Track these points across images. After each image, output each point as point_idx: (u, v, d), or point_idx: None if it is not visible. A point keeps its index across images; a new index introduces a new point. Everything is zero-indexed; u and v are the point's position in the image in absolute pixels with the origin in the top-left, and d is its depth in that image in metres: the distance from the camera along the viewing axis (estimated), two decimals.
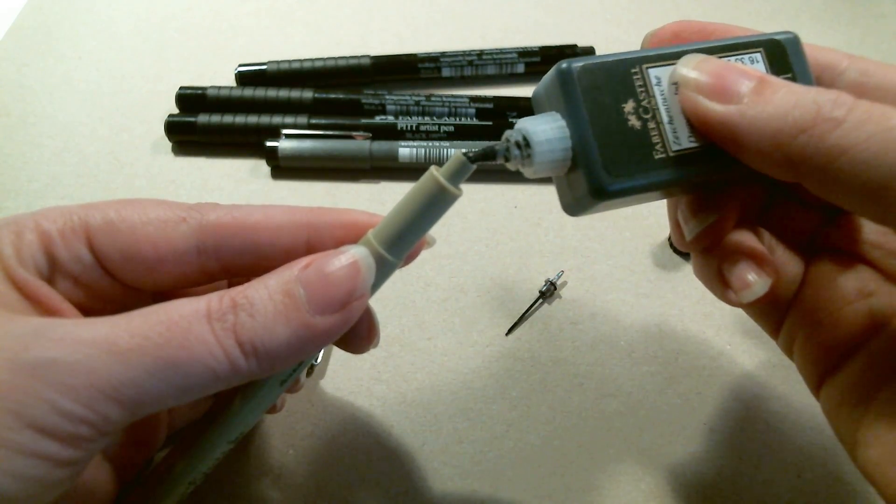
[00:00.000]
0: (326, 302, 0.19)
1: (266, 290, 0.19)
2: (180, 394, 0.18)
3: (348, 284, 0.19)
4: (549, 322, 0.33)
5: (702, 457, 0.29)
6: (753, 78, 0.18)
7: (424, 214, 0.19)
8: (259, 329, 0.18)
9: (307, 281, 0.19)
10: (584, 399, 0.31)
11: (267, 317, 0.18)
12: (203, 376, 0.18)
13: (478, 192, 0.38)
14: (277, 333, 0.18)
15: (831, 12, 0.48)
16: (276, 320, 0.18)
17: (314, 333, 0.19)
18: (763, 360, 0.32)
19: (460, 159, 0.19)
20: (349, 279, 0.19)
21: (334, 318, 0.19)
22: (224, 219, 0.21)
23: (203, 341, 0.18)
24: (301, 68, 0.42)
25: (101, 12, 0.48)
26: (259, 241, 0.21)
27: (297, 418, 0.30)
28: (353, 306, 0.19)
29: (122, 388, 0.17)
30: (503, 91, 0.42)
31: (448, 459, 0.29)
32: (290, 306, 0.18)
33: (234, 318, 0.18)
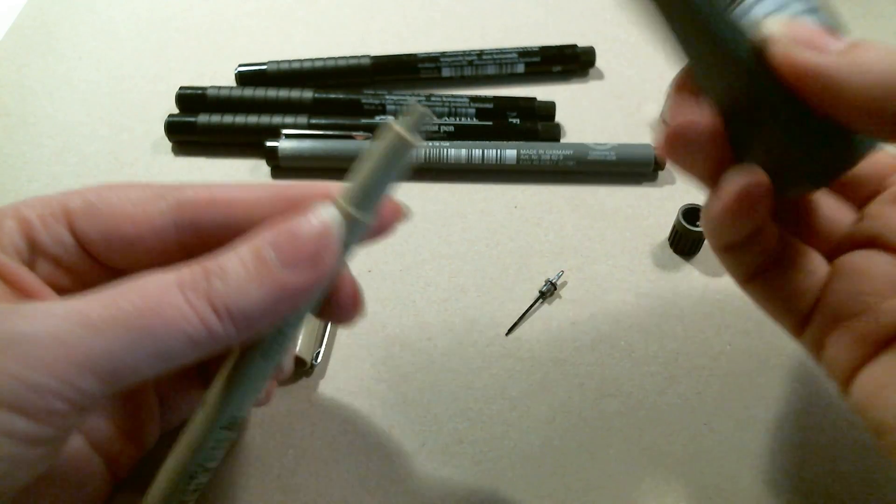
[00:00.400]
0: (296, 258, 0.19)
1: (237, 255, 0.19)
2: (157, 362, 0.18)
3: (316, 239, 0.19)
4: (549, 322, 0.33)
5: (702, 457, 0.29)
6: (842, 38, 0.18)
7: (385, 166, 0.20)
8: (232, 292, 0.18)
9: (276, 242, 0.19)
10: (584, 399, 0.31)
11: (239, 280, 0.18)
12: (178, 342, 0.18)
13: (478, 192, 0.38)
14: (250, 294, 0.18)
15: None
16: (249, 282, 0.18)
17: (287, 291, 0.19)
18: (763, 360, 0.32)
19: (420, 110, 0.19)
20: (317, 233, 0.19)
21: (306, 275, 0.19)
22: (200, 194, 0.22)
23: (176, 307, 0.18)
24: (301, 68, 0.42)
25: (101, 12, 0.48)
26: (235, 214, 0.22)
27: (296, 418, 0.30)
28: (323, 261, 0.19)
29: (95, 358, 0.17)
30: (503, 91, 0.42)
31: (448, 459, 0.29)
32: (261, 267, 0.19)
33: (206, 284, 0.18)
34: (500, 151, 0.38)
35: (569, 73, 0.44)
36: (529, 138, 0.40)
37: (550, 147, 0.38)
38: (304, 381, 0.31)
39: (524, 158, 0.38)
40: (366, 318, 0.33)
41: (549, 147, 0.38)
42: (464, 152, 0.38)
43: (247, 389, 0.22)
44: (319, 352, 0.31)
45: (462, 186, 0.38)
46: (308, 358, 0.30)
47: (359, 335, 0.32)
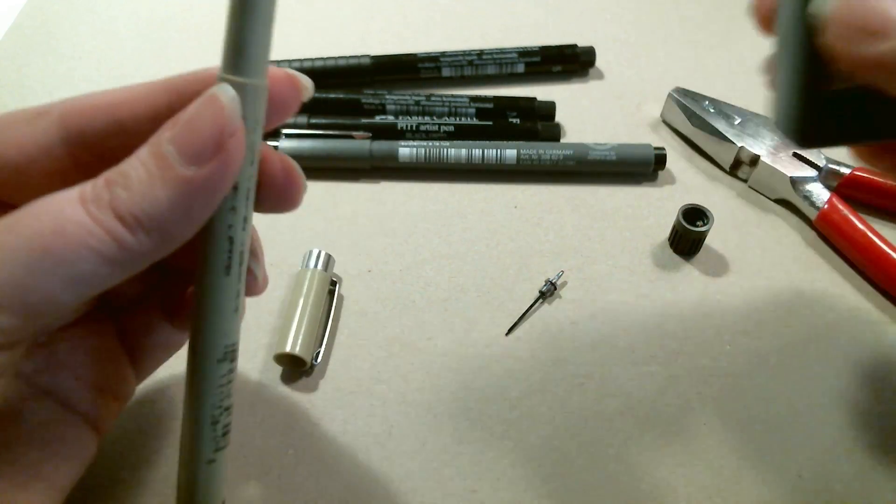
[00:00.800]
0: (198, 150, 0.17)
1: (137, 159, 0.18)
2: (73, 285, 0.17)
3: (213, 123, 0.18)
4: (549, 322, 0.33)
5: (702, 457, 0.29)
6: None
7: (248, 15, 0.19)
8: (137, 198, 0.17)
9: (173, 137, 0.18)
10: (584, 399, 0.31)
11: (142, 184, 0.17)
12: (89, 261, 0.17)
13: (478, 192, 0.38)
14: (157, 197, 0.17)
15: None
16: (153, 185, 0.17)
17: (196, 187, 0.17)
18: (763, 360, 0.32)
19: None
20: (212, 117, 0.18)
21: (213, 164, 0.18)
22: (81, 102, 0.20)
23: (79, 223, 0.16)
24: (301, 68, 0.42)
25: (101, 12, 0.48)
26: (120, 116, 0.20)
27: (296, 418, 0.30)
28: (228, 146, 0.18)
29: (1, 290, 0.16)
30: (503, 91, 0.42)
31: (448, 459, 0.29)
32: (163, 166, 0.17)
33: (108, 195, 0.17)
34: (500, 151, 0.38)
35: (569, 73, 0.44)
36: (529, 138, 0.40)
37: (550, 147, 0.38)
38: (304, 381, 0.31)
39: (524, 158, 0.38)
40: (366, 318, 0.33)
41: (550, 147, 0.38)
42: (464, 152, 0.38)
43: (221, 312, 0.20)
44: (319, 352, 0.31)
45: (462, 186, 0.38)
46: (308, 358, 0.30)
47: (359, 335, 0.32)
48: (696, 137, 0.40)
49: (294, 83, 0.21)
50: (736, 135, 0.38)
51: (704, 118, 0.39)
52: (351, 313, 0.33)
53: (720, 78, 0.44)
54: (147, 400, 0.30)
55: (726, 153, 0.39)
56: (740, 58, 0.45)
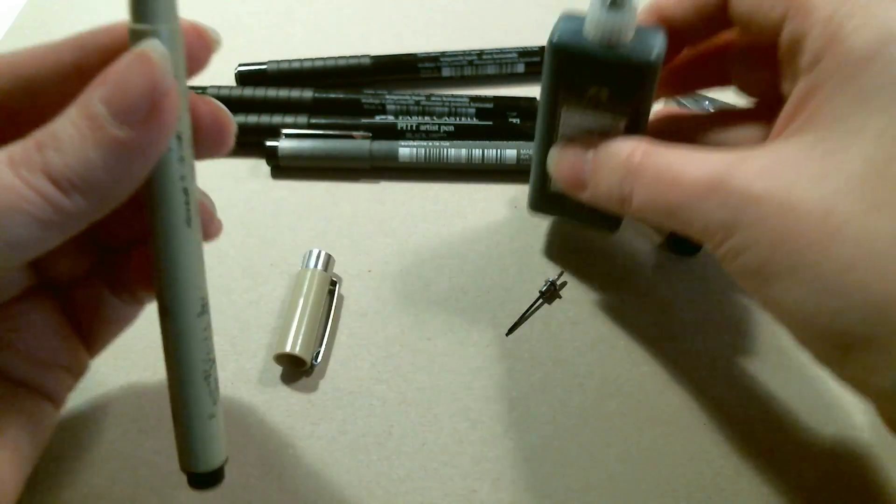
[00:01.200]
0: (131, 109, 0.17)
1: (68, 119, 0.17)
2: (10, 250, 0.16)
3: (145, 82, 0.17)
4: (549, 322, 0.33)
5: (702, 457, 0.29)
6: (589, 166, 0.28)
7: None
8: (70, 161, 0.17)
9: (104, 96, 0.17)
10: (584, 399, 0.31)
11: (75, 146, 0.17)
12: (25, 225, 0.16)
13: (478, 192, 0.38)
14: (91, 159, 0.17)
15: None
16: (85, 146, 0.17)
17: (132, 147, 0.17)
18: (763, 360, 0.32)
19: None
20: (144, 76, 0.17)
21: (148, 125, 0.17)
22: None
23: (10, 188, 0.16)
24: (301, 68, 0.42)
25: (101, 12, 0.48)
26: (24, 74, 0.20)
27: (296, 418, 0.30)
28: (162, 105, 0.17)
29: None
30: (503, 91, 0.42)
31: (448, 459, 0.29)
32: (95, 127, 0.17)
33: (40, 157, 0.17)
34: (500, 151, 0.38)
35: None
36: (530, 138, 0.40)
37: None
38: (304, 381, 0.31)
39: (524, 158, 0.38)
40: (366, 318, 0.33)
41: None
42: (464, 152, 0.38)
43: (191, 267, 0.20)
44: (319, 352, 0.31)
45: (462, 186, 0.38)
46: (308, 358, 0.30)
47: (359, 335, 0.32)
48: None
49: (201, 34, 0.21)
50: None
51: None
52: (351, 313, 0.33)
53: None
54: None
55: None
56: None
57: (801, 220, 0.21)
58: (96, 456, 0.29)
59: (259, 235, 0.36)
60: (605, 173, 0.27)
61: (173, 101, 0.18)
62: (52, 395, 0.24)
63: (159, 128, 0.18)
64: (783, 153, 0.22)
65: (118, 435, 0.29)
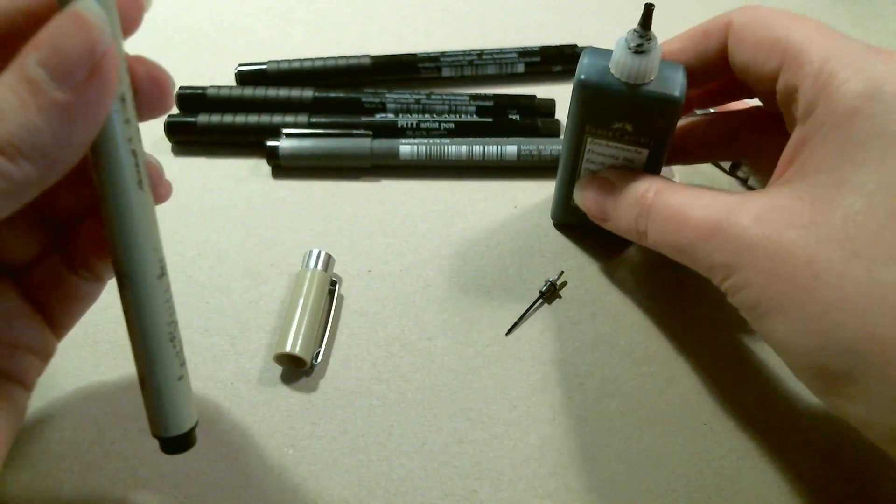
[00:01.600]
0: (70, 71, 0.17)
1: (5, 86, 0.17)
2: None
3: (83, 42, 0.17)
4: (549, 322, 0.33)
5: (702, 457, 0.29)
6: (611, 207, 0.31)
7: None
8: (14, 128, 0.16)
9: (42, 59, 0.17)
10: (584, 399, 0.31)
11: (16, 112, 0.16)
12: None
13: (478, 192, 0.38)
14: (35, 124, 0.16)
15: (831, 13, 0.48)
16: (28, 111, 0.16)
17: (74, 109, 0.17)
18: (763, 360, 0.32)
19: None
20: (81, 36, 0.17)
21: (90, 85, 0.17)
22: None
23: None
24: (301, 68, 0.42)
25: None
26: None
27: (297, 418, 0.30)
28: (102, 64, 0.17)
29: None
30: (503, 91, 0.42)
31: (448, 459, 0.29)
32: (36, 91, 0.16)
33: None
34: (500, 148, 0.38)
35: (569, 72, 0.44)
36: (530, 135, 0.40)
37: (551, 143, 0.38)
38: (304, 381, 0.31)
39: (525, 154, 0.38)
40: (366, 318, 0.33)
41: (550, 143, 0.38)
42: (464, 149, 0.38)
43: (147, 230, 0.20)
44: (319, 352, 0.31)
45: (462, 184, 0.38)
46: (308, 358, 0.30)
47: (359, 335, 0.32)
48: None
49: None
50: None
51: None
52: (351, 313, 0.33)
53: None
54: None
55: None
56: None
57: (787, 265, 0.23)
58: (96, 456, 0.29)
59: (259, 235, 0.36)
60: (622, 210, 0.30)
61: (113, 61, 0.18)
62: (22, 379, 0.24)
63: (101, 88, 0.17)
64: (776, 200, 0.24)
65: (118, 435, 0.29)
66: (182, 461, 0.28)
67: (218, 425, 0.30)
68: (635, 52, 0.27)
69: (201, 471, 0.28)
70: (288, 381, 0.31)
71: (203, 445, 0.29)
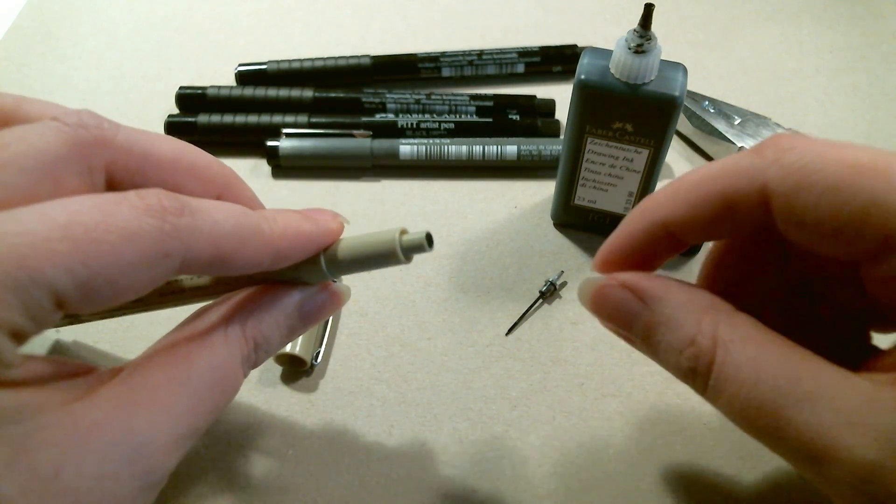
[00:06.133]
0: (309, 322, 0.24)
1: (276, 329, 0.22)
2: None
3: (333, 311, 0.25)
4: (549, 322, 0.33)
5: (702, 457, 0.29)
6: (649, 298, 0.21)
7: (368, 259, 0.23)
8: (271, 354, 0.23)
9: (304, 315, 0.23)
10: (584, 399, 0.31)
11: (276, 347, 0.23)
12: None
13: (478, 192, 0.38)
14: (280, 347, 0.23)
15: (831, 12, 0.48)
16: (281, 345, 0.23)
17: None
18: None
19: (421, 240, 0.21)
20: (334, 308, 0.25)
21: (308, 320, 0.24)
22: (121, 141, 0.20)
23: (237, 379, 0.21)
24: (301, 68, 0.42)
25: (101, 12, 0.48)
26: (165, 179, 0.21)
27: (297, 418, 0.30)
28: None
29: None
30: (503, 91, 0.42)
31: (448, 459, 0.29)
32: (292, 334, 0.23)
33: (255, 357, 0.22)
34: (500, 147, 0.38)
35: (569, 72, 0.44)
36: (530, 135, 0.40)
37: (551, 143, 0.38)
38: (304, 381, 0.31)
39: (525, 154, 0.38)
40: (366, 318, 0.33)
41: (550, 143, 0.38)
42: (464, 149, 0.38)
43: None
44: (319, 352, 0.31)
45: (462, 184, 0.38)
46: (308, 358, 0.30)
47: (359, 335, 0.32)
48: (695, 137, 0.40)
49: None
50: (736, 135, 0.38)
51: (704, 118, 0.39)
52: (351, 313, 0.33)
53: (720, 78, 0.44)
54: None
55: (726, 153, 0.39)
56: (740, 58, 0.45)
57: None
58: None
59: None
60: (663, 348, 0.21)
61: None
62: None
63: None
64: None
65: None
66: (181, 462, 0.28)
67: (218, 425, 0.30)
68: (635, 52, 0.27)
69: (202, 471, 0.28)
70: (288, 381, 0.31)
71: (203, 445, 0.29)
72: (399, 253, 0.21)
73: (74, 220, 0.16)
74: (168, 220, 0.17)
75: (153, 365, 0.19)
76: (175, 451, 0.19)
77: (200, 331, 0.21)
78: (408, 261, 0.21)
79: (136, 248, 0.17)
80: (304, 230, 0.22)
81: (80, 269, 0.16)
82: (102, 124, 0.21)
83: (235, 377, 0.21)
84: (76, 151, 0.19)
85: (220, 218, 0.19)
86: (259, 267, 0.20)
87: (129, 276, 0.17)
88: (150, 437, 0.18)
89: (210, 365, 0.20)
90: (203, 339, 0.20)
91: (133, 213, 0.17)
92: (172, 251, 0.18)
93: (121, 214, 0.17)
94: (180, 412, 0.19)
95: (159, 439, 0.18)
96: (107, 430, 0.17)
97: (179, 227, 0.18)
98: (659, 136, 0.30)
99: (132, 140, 0.21)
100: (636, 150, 0.30)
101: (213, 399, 0.20)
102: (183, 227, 0.18)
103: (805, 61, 0.45)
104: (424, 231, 0.20)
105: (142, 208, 0.17)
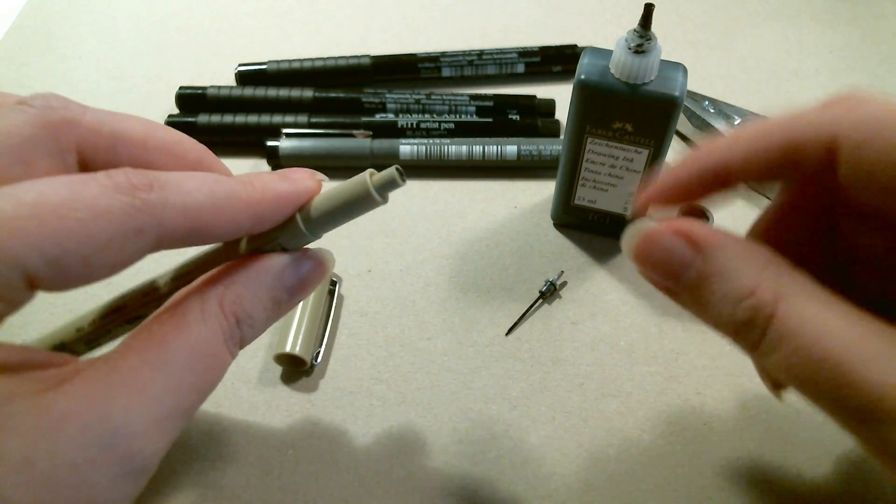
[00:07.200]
0: (297, 294, 0.22)
1: (260, 303, 0.21)
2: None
3: (319, 282, 0.23)
4: (549, 322, 0.33)
5: (702, 457, 0.29)
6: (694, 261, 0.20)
7: (345, 208, 0.21)
8: (257, 332, 0.21)
9: (289, 287, 0.22)
10: (584, 399, 0.31)
11: (261, 324, 0.21)
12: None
13: (478, 192, 0.38)
14: (267, 325, 0.22)
15: (831, 12, 0.48)
16: (268, 322, 0.22)
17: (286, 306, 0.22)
18: None
19: (393, 175, 0.20)
20: (322, 277, 0.23)
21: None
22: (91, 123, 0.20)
23: (224, 360, 0.21)
24: (301, 68, 0.42)
25: (101, 12, 0.48)
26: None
27: (297, 418, 0.30)
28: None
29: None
30: (503, 91, 0.42)
31: (448, 459, 0.29)
32: (279, 311, 0.22)
33: (239, 332, 0.21)
34: (500, 147, 0.38)
35: (569, 72, 0.44)
36: (530, 134, 0.40)
37: (551, 143, 0.38)
38: (304, 381, 0.31)
39: (525, 154, 0.38)
40: (366, 318, 0.33)
41: (550, 143, 0.38)
42: (464, 149, 0.38)
43: None
44: (319, 352, 0.31)
45: (462, 184, 0.38)
46: (308, 358, 0.30)
47: (359, 335, 0.32)
48: (696, 137, 0.40)
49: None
50: None
51: (704, 118, 0.39)
52: (351, 313, 0.33)
53: (720, 78, 0.44)
54: None
55: None
56: (740, 58, 0.45)
57: None
58: None
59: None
60: (716, 299, 0.20)
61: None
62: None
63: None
64: None
65: None
66: (181, 461, 0.28)
67: (218, 425, 0.30)
68: (635, 52, 0.27)
69: (202, 471, 0.28)
70: (288, 381, 0.31)
71: (203, 446, 0.29)
72: (373, 192, 0.20)
73: (42, 199, 0.16)
74: (138, 195, 0.17)
75: (129, 350, 0.19)
76: (158, 435, 0.19)
77: (177, 312, 0.20)
78: (384, 200, 0.21)
79: (107, 226, 0.17)
80: (282, 190, 0.21)
81: (51, 247, 0.16)
82: (69, 105, 0.20)
83: (218, 355, 0.20)
84: (44, 133, 0.19)
85: (191, 188, 0.19)
86: (239, 233, 0.20)
87: (103, 253, 0.17)
88: (127, 420, 0.18)
89: (188, 344, 0.19)
90: (179, 319, 0.20)
91: (102, 191, 0.17)
92: (145, 227, 0.18)
93: (89, 192, 0.17)
94: (158, 394, 0.18)
95: (137, 423, 0.18)
96: (81, 416, 0.17)
97: (150, 202, 0.18)
98: (659, 136, 0.30)
99: (101, 120, 0.21)
100: (636, 150, 0.30)
101: (195, 378, 0.20)
102: (154, 201, 0.18)
103: (805, 61, 0.45)
104: (394, 165, 0.20)
105: (111, 186, 0.17)
